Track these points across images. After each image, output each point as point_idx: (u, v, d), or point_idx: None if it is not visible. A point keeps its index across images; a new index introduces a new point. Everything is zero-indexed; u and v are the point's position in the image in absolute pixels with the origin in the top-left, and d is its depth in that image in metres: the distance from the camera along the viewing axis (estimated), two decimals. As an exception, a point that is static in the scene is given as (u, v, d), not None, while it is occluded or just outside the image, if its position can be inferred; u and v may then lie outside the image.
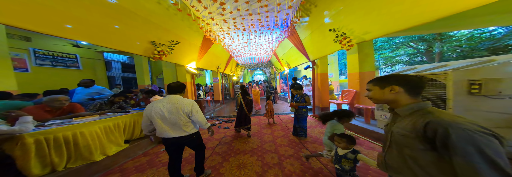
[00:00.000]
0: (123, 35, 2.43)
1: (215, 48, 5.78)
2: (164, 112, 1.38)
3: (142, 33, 2.68)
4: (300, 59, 5.55)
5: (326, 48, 3.60)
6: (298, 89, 3.01)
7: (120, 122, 2.41)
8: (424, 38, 5.50)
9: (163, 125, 1.39)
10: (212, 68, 6.70)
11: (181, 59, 3.94)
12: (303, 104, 2.90)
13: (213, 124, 4.46)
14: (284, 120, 4.69)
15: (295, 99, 3.10)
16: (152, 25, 2.79)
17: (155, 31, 2.88)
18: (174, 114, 1.39)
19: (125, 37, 2.47)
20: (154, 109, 1.39)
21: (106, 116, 2.33)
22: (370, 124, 3.03)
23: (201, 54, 4.61)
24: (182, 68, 4.24)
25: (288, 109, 6.27)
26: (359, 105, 3.44)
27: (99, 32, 2.16)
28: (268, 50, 6.97)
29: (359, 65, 3.55)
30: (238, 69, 10.29)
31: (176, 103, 1.42)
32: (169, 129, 1.40)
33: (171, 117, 1.38)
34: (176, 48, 3.52)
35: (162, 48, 2.88)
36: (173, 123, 1.40)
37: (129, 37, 2.53)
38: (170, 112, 1.39)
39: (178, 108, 1.40)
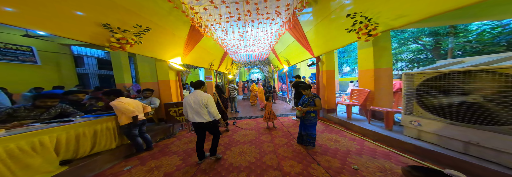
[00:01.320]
0: (57, 13, 1.65)
1: (206, 43, 5.06)
2: (191, 103, 1.90)
3: (90, 12, 1.85)
4: (302, 55, 4.97)
5: (336, 41, 3.04)
6: (307, 89, 2.43)
7: (53, 136, 1.66)
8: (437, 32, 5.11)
9: (191, 112, 1.93)
10: (204, 65, 5.98)
11: (161, 53, 3.22)
12: (312, 108, 2.33)
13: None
14: (285, 123, 4.12)
15: (302, 100, 2.52)
16: (106, 2, 1.99)
17: (110, 11, 2.06)
18: (197, 105, 1.88)
19: (61, 16, 1.67)
20: (187, 100, 1.93)
21: (23, 130, 1.57)
22: (392, 131, 2.53)
23: (188, 48, 3.90)
24: (164, 64, 3.54)
25: (289, 110, 5.74)
26: (375, 107, 2.91)
27: (21, 8, 1.44)
28: (266, 45, 6.34)
29: (374, 60, 3.01)
30: (233, 67, 9.60)
31: (198, 96, 1.92)
32: (195, 116, 1.91)
33: (195, 107, 1.88)
34: (153, 39, 2.82)
35: (125, 35, 2.14)
36: (196, 111, 1.90)
37: (69, 16, 1.73)
38: (195, 103, 1.89)
39: (199, 101, 1.88)
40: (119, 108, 2.07)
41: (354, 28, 2.31)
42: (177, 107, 3.35)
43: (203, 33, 3.95)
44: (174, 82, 3.83)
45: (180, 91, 3.98)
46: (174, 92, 3.81)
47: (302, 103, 2.50)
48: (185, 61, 4.08)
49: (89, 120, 2.01)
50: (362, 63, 3.30)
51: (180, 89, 3.98)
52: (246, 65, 9.68)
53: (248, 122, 4.42)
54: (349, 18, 2.34)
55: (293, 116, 4.64)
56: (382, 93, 3.03)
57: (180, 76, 4.06)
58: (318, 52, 3.77)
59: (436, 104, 1.83)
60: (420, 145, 1.95)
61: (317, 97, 2.35)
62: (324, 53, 3.66)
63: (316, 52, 3.84)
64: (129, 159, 2.35)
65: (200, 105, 1.87)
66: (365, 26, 2.15)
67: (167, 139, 3.21)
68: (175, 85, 3.89)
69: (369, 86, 3.19)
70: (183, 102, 1.97)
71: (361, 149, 2.39)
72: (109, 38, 2.00)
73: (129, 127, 2.21)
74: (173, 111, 3.32)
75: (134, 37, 2.26)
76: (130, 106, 2.20)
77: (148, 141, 2.62)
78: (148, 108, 2.63)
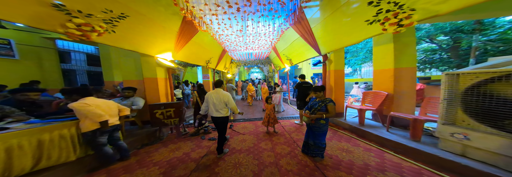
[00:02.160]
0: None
1: (202, 38, 4.61)
2: (214, 100, 2.20)
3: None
4: (306, 54, 4.53)
5: (350, 36, 2.59)
6: (318, 91, 1.99)
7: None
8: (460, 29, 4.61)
9: (212, 108, 2.23)
10: (200, 62, 5.54)
11: (147, 47, 2.77)
12: (324, 115, 1.89)
13: (195, 134, 3.37)
14: (287, 127, 3.67)
15: (310, 104, 2.08)
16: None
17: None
18: (218, 101, 2.19)
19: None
20: (210, 97, 2.22)
21: None
22: (421, 143, 2.08)
23: (180, 43, 3.45)
24: (150, 60, 3.07)
25: (291, 112, 5.29)
26: (396, 113, 2.45)
27: None
28: (267, 43, 5.90)
29: (395, 58, 2.56)
30: (233, 66, 9.16)
31: (219, 94, 2.22)
32: (214, 111, 2.21)
33: (217, 103, 2.19)
34: (135, 30, 2.37)
35: (89, 21, 1.68)
36: (217, 107, 2.20)
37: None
38: (217, 100, 2.19)
39: (220, 98, 2.19)
40: (80, 111, 1.61)
41: (378, 18, 1.87)
42: (165, 108, 2.90)
43: (198, 27, 3.50)
44: (163, 81, 3.36)
45: (171, 91, 3.53)
46: (163, 92, 3.34)
47: (310, 107, 2.05)
48: (177, 58, 3.63)
49: (33, 128, 1.52)
50: (378, 62, 2.85)
51: (170, 88, 3.52)
52: (245, 64, 9.24)
53: (246, 125, 3.98)
54: (371, 7, 1.90)
55: (296, 119, 4.20)
56: (403, 96, 2.59)
57: (171, 74, 3.61)
58: (325, 49, 3.33)
59: (495, 113, 1.40)
60: (468, 164, 1.50)
61: (331, 102, 1.89)
62: (333, 50, 3.22)
63: (323, 49, 3.40)
64: (95, 173, 1.88)
65: (221, 102, 2.17)
66: (394, 15, 1.71)
67: (151, 146, 2.77)
68: (165, 83, 3.43)
69: (386, 88, 2.74)
70: (206, 98, 2.23)
71: (382, 163, 1.94)
72: (65, 23, 1.54)
73: (94, 135, 1.74)
74: (160, 113, 2.86)
75: (103, 24, 1.79)
76: (99, 109, 1.75)
77: (123, 149, 2.16)
78: (125, 111, 2.17)
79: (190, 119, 4.66)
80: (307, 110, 2.10)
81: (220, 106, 2.16)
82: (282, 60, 6.81)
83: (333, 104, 1.88)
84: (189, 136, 3.31)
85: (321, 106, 1.90)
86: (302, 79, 3.75)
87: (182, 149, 2.66)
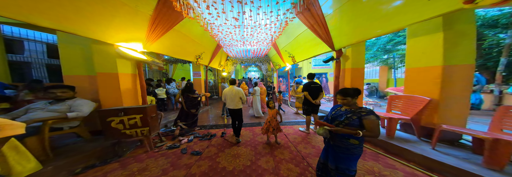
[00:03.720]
0: None
1: (191, 29, 3.78)
2: (231, 95, 2.63)
3: None
4: (313, 49, 3.76)
5: (383, 23, 1.81)
6: (350, 96, 1.21)
7: None
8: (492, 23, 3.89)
9: (230, 101, 2.64)
10: (188, 57, 4.69)
11: (101, 31, 1.88)
12: (359, 132, 1.11)
13: (174, 146, 2.56)
14: (290, 136, 2.91)
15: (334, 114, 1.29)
16: None
17: None
18: (234, 96, 2.61)
19: None
20: (227, 93, 2.66)
21: None
22: (506, 174, 1.33)
23: (156, 30, 2.60)
24: (107, 49, 2.22)
25: (292, 116, 4.53)
26: (452, 127, 1.67)
27: None
28: (267, 37, 5.11)
29: (445, 53, 1.81)
30: (229, 63, 8.32)
31: (233, 90, 2.64)
32: (232, 104, 2.62)
33: (233, 97, 2.61)
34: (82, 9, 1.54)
35: None
36: (233, 101, 2.62)
37: None
38: (233, 95, 2.62)
39: (234, 94, 2.62)
40: None
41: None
42: (126, 115, 2.06)
43: (182, 12, 2.66)
44: (129, 77, 2.49)
45: (143, 91, 2.67)
46: (129, 92, 2.47)
47: (331, 119, 1.29)
48: (152, 49, 2.76)
49: None
50: (415, 58, 2.09)
51: (141, 87, 2.67)
52: (243, 62, 8.42)
53: (241, 132, 3.21)
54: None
55: (301, 126, 3.45)
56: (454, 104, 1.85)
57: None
58: (341, 43, 2.55)
59: None
60: None
61: (371, 114, 1.10)
62: (350, 44, 2.45)
63: (338, 43, 2.62)
64: None
65: (236, 97, 2.62)
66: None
67: (102, 166, 1.92)
68: (133, 81, 2.56)
69: (427, 92, 1.98)
70: (224, 94, 2.69)
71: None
72: None
73: None
74: (118, 121, 2.02)
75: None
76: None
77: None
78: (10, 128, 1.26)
79: (172, 125, 3.83)
80: (326, 120, 1.35)
81: (236, 99, 2.61)
82: (283, 57, 6.04)
83: (375, 118, 1.09)
84: (166, 148, 2.50)
85: (352, 120, 1.14)
86: (310, 79, 2.99)
87: (149, 172, 1.86)
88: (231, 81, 2.74)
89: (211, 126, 3.72)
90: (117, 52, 2.22)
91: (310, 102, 2.85)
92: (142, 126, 2.20)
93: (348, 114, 1.17)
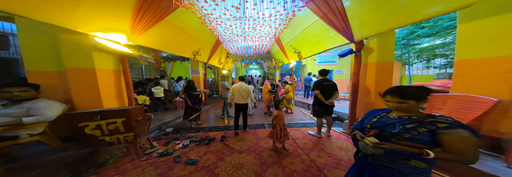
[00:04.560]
0: None
1: (185, 21, 3.38)
2: (240, 90, 2.78)
3: None
4: (324, 43, 3.33)
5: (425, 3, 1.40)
6: (416, 98, 0.75)
7: None
8: None
9: (239, 96, 2.79)
10: (184, 53, 4.30)
11: (65, 16, 1.48)
12: (429, 153, 0.66)
13: (166, 153, 2.21)
14: (299, 141, 2.53)
15: (379, 122, 0.84)
16: None
17: None
18: (243, 92, 2.79)
19: None
20: (237, 88, 2.78)
21: None
22: None
23: (143, 21, 2.19)
24: (81, 40, 1.82)
25: (298, 116, 4.14)
26: None
27: None
28: (271, 31, 4.67)
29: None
30: (229, 61, 7.91)
31: (242, 87, 2.80)
32: (241, 99, 2.79)
33: (242, 93, 2.79)
34: None
35: None
36: (242, 96, 2.80)
37: None
38: (242, 90, 2.79)
39: (243, 89, 2.79)
40: None
41: None
42: (104, 118, 1.69)
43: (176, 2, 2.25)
44: (111, 75, 2.10)
45: (128, 90, 2.29)
46: (111, 92, 2.10)
47: (374, 129, 0.89)
48: (140, 42, 2.38)
49: None
50: (470, 47, 1.64)
51: (127, 85, 2.29)
52: (243, 59, 8.01)
53: (243, 136, 2.84)
54: None
55: (311, 128, 3.06)
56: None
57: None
58: (362, 33, 2.12)
59: None
60: None
61: (460, 128, 0.68)
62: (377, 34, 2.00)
63: (358, 34, 2.17)
64: None
65: (245, 92, 2.80)
66: None
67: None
68: (116, 79, 2.17)
69: (490, 90, 1.54)
70: (232, 89, 2.80)
71: None
72: None
73: None
74: (94, 126, 1.66)
75: None
76: None
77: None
78: None
79: (168, 127, 3.48)
80: (357, 129, 0.95)
81: (244, 95, 2.78)
82: (287, 54, 5.61)
83: (470, 134, 0.67)
84: (157, 156, 2.14)
85: (418, 133, 0.73)
86: (323, 76, 2.56)
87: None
88: (240, 77, 2.96)
89: (210, 128, 3.36)
90: (94, 44, 1.84)
91: (322, 102, 2.45)
92: (125, 131, 1.83)
93: (407, 124, 0.76)
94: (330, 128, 2.66)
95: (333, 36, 2.89)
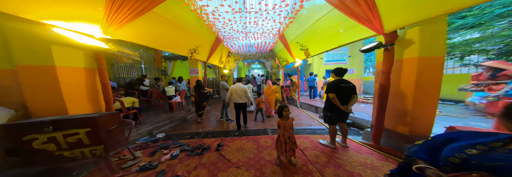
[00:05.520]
0: None
1: (179, 15, 3.00)
2: (238, 91, 2.91)
3: None
4: (339, 38, 2.80)
5: None
6: None
7: None
8: None
9: (237, 96, 2.91)
10: (180, 51, 3.93)
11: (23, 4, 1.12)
12: None
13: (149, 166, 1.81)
14: (309, 152, 2.06)
15: (484, 156, 0.40)
16: None
17: None
18: (241, 92, 2.92)
19: None
20: (235, 89, 2.91)
21: None
22: None
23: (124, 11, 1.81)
24: (34, 29, 1.40)
25: (305, 121, 3.62)
26: None
27: None
28: (274, 27, 4.20)
29: None
30: (230, 60, 7.52)
31: (239, 87, 2.93)
32: (239, 98, 2.91)
33: (240, 93, 2.91)
34: None
35: None
36: (240, 96, 2.92)
37: None
38: (240, 91, 2.92)
39: (241, 89, 2.92)
40: None
41: None
42: (60, 130, 1.30)
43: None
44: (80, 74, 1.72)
45: (105, 93, 1.91)
46: (80, 95, 1.70)
47: (473, 165, 0.42)
48: (119, 36, 2.00)
49: None
50: None
51: (104, 86, 1.91)
52: (245, 58, 7.58)
53: (242, 144, 2.41)
54: None
55: (321, 136, 2.56)
56: None
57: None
58: (397, 21, 1.60)
59: None
60: None
61: None
62: (418, 22, 1.48)
63: (391, 22, 1.65)
64: None
65: (242, 92, 2.92)
66: None
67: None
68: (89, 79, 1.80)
69: None
70: (230, 90, 2.92)
71: None
72: None
73: None
74: (46, 139, 1.27)
75: None
76: None
77: None
78: None
79: (160, 132, 3.11)
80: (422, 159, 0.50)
81: (241, 95, 2.93)
82: (292, 52, 5.12)
83: None
84: (137, 170, 1.77)
85: None
86: (339, 76, 2.06)
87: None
88: (237, 79, 3.11)
89: (206, 134, 2.96)
90: (53, 35, 1.46)
91: (336, 107, 1.95)
92: (91, 144, 1.45)
93: None
94: (345, 137, 2.17)
95: (351, 29, 2.38)
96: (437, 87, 1.69)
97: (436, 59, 1.66)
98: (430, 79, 1.67)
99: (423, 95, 1.70)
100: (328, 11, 2.74)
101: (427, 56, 1.65)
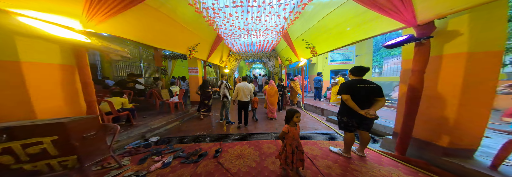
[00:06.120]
0: None
1: (175, 9, 2.76)
2: (245, 89, 2.98)
3: None
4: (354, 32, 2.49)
5: None
6: None
7: None
8: None
9: (243, 94, 2.97)
10: (178, 49, 3.68)
11: None
12: None
13: None
14: (320, 163, 1.74)
15: None
16: None
17: None
18: (247, 90, 2.99)
19: None
20: (241, 87, 2.97)
21: None
22: None
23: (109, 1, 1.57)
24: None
25: (310, 124, 3.29)
26: None
27: None
28: (278, 23, 3.91)
29: None
30: (231, 59, 7.26)
31: (246, 86, 3.00)
32: (244, 96, 2.97)
33: (246, 91, 2.98)
34: None
35: None
36: (245, 94, 2.99)
37: None
38: (246, 89, 2.99)
39: (246, 88, 2.99)
40: None
41: None
42: (18, 139, 1.03)
43: None
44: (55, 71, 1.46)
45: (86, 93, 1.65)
46: (49, 96, 1.43)
47: None
48: (104, 30, 1.75)
49: None
50: None
51: (85, 85, 1.66)
52: (247, 57, 7.30)
53: (243, 150, 2.14)
54: None
55: (331, 142, 2.26)
56: None
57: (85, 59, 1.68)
58: (436, 9, 1.27)
59: None
60: None
61: None
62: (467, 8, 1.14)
63: (427, 11, 1.32)
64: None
65: (248, 90, 3.00)
66: None
67: None
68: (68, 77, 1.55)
69: None
70: (237, 88, 2.98)
71: None
72: None
73: None
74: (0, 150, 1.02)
75: None
76: None
77: None
78: None
79: (154, 135, 2.85)
80: None
81: (247, 93, 2.99)
82: (297, 50, 4.82)
83: None
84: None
85: None
86: (357, 75, 1.73)
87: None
88: (243, 77, 3.14)
89: (204, 138, 2.69)
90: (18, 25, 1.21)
91: (353, 112, 1.64)
92: (60, 154, 1.20)
93: None
94: (365, 146, 1.85)
95: (366, 24, 2.08)
96: (491, 88, 1.34)
97: (492, 54, 1.32)
98: (481, 79, 1.33)
99: (472, 99, 1.36)
100: (340, 4, 2.44)
101: (480, 51, 1.30)
